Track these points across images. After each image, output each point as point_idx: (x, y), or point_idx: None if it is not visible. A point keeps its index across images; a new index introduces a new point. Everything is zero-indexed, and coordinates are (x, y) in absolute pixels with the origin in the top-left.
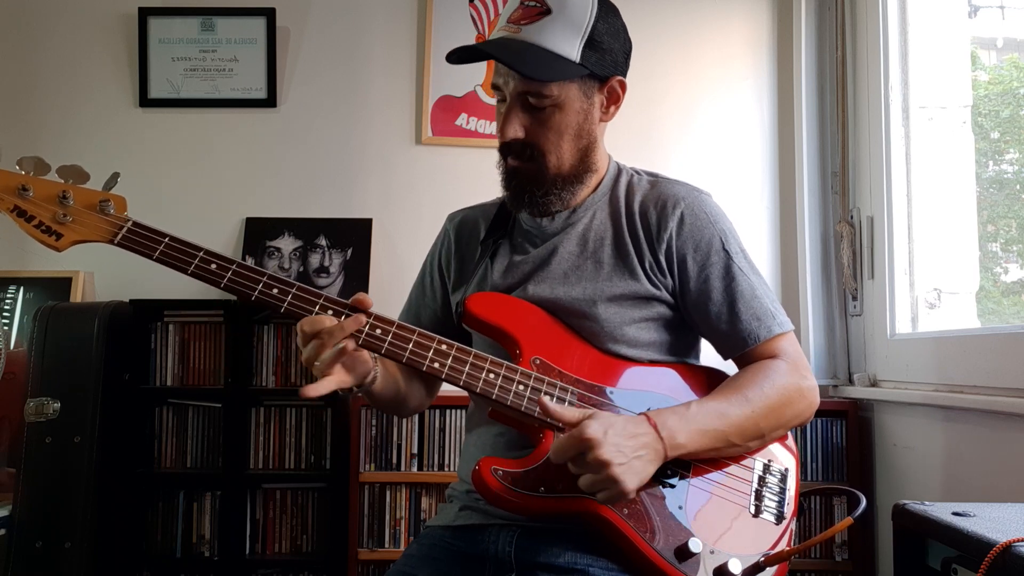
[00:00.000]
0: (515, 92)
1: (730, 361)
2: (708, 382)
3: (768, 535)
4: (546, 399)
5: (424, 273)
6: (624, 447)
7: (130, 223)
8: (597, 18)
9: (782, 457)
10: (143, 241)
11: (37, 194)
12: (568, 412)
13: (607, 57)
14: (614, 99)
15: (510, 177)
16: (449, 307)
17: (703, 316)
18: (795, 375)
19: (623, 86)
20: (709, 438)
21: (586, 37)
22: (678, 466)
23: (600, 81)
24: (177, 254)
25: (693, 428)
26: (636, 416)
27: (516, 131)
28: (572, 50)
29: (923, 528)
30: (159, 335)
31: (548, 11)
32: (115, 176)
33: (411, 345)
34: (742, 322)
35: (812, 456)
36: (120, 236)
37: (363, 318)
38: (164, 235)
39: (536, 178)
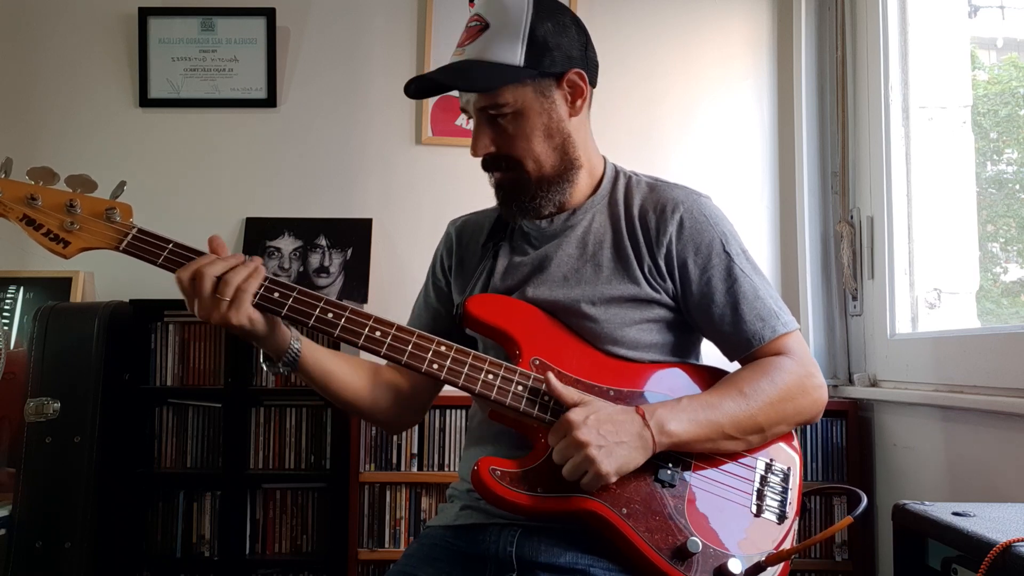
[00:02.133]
0: (476, 109)
1: (736, 363)
2: (709, 382)
3: (770, 535)
4: (552, 375)
5: (428, 279)
6: (605, 431)
7: (135, 230)
8: (534, 20)
9: (785, 456)
10: (147, 248)
11: (45, 203)
12: (567, 392)
13: (555, 54)
14: (578, 93)
15: (498, 189)
16: (452, 311)
17: (707, 319)
18: (798, 371)
19: (583, 78)
20: (703, 428)
21: (525, 40)
22: (678, 465)
23: (555, 78)
24: (180, 260)
25: (684, 417)
26: (626, 407)
27: (486, 147)
28: (514, 56)
29: (923, 528)
30: (159, 335)
31: (487, 26)
32: (122, 184)
33: (410, 347)
34: (746, 323)
35: (812, 456)
36: (125, 243)
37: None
38: (168, 241)
39: (520, 186)
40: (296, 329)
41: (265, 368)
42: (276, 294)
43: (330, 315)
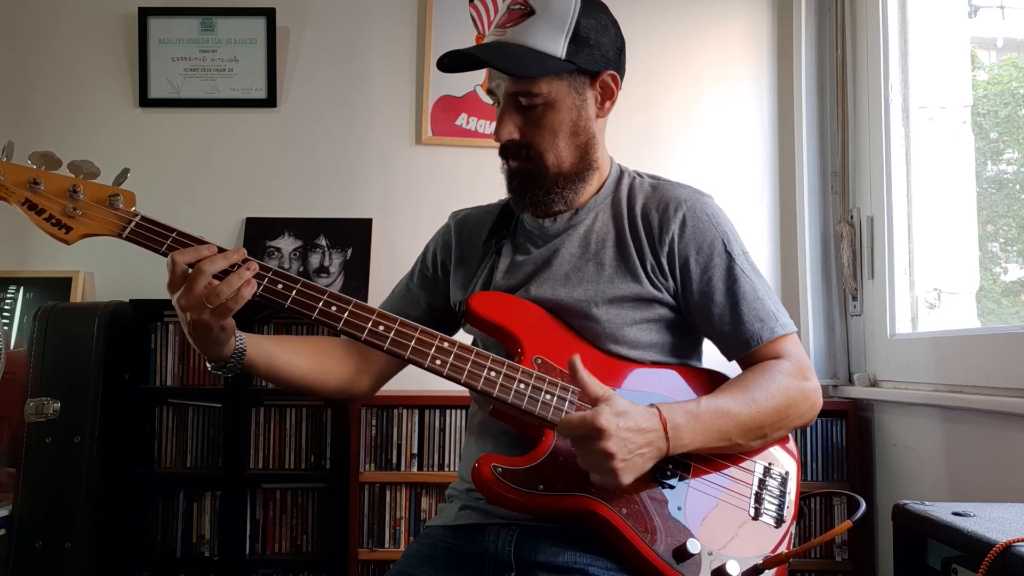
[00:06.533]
0: (506, 94)
1: (734, 363)
2: (709, 384)
3: (767, 538)
4: (577, 360)
5: (415, 266)
6: (631, 443)
7: (138, 217)
8: (581, 14)
9: (783, 460)
10: (151, 235)
11: (48, 188)
12: (592, 382)
13: (595, 52)
14: (608, 94)
15: (511, 178)
16: (438, 300)
17: (706, 318)
18: (798, 376)
19: (615, 80)
20: (712, 438)
21: (570, 34)
22: (678, 467)
23: (591, 76)
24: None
25: (699, 428)
26: (649, 409)
27: (510, 133)
28: (557, 47)
29: (923, 528)
30: (159, 335)
31: (532, 12)
32: (125, 172)
33: (413, 343)
34: (745, 324)
35: (812, 456)
36: (128, 230)
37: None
38: (172, 229)
39: (536, 178)
40: (299, 321)
41: (210, 368)
42: (280, 286)
43: (334, 308)
